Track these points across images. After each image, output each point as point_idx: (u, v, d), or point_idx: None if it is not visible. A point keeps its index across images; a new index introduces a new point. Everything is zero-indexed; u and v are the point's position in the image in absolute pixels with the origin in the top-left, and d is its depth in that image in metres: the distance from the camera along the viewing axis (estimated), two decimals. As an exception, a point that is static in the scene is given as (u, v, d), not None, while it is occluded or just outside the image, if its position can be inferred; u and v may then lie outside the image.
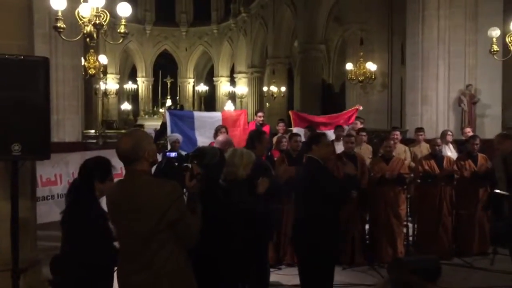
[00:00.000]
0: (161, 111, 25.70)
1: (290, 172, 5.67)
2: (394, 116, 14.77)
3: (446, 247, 6.81)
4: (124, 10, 6.99)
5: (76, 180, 3.55)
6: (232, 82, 29.80)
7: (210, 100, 30.72)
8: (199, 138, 8.01)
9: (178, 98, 30.71)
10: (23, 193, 4.00)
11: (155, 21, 30.78)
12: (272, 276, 5.26)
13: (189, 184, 2.70)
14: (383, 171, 6.61)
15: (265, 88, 24.06)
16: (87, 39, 7.14)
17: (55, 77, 10.03)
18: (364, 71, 14.30)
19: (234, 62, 29.39)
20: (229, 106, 26.96)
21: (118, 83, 28.17)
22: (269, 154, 6.91)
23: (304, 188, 4.19)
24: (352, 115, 9.39)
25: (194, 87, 31.96)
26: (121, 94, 28.81)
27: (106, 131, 14.52)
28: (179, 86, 31.58)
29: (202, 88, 29.95)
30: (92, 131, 12.52)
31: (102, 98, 21.54)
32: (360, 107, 9.88)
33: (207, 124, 8.18)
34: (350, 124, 9.09)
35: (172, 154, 2.77)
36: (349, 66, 14.73)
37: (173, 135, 7.48)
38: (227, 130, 7.42)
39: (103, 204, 2.92)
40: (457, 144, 8.58)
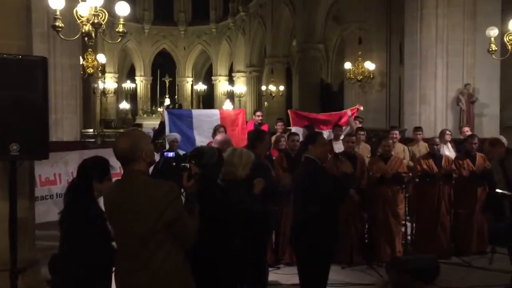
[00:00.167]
0: (159, 110, 25.69)
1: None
2: (393, 115, 14.79)
3: (445, 246, 6.82)
4: (123, 9, 6.98)
5: (75, 180, 3.55)
6: (231, 81, 29.80)
7: (208, 99, 30.70)
8: (197, 137, 8.00)
9: (176, 97, 30.69)
10: (22, 193, 3.99)
11: (154, 20, 30.75)
12: (270, 275, 5.26)
13: (187, 184, 2.69)
14: (382, 170, 6.62)
15: (263, 87, 24.05)
16: (86, 38, 7.13)
17: (53, 76, 10.02)
18: (363, 70, 14.31)
19: (233, 61, 29.38)
20: (227, 105, 26.97)
21: (117, 82, 28.15)
22: (267, 154, 6.91)
23: (301, 188, 4.17)
24: (352, 114, 9.36)
25: (192, 86, 31.95)
26: (119, 93, 28.79)
27: (105, 130, 14.51)
28: (177, 85, 31.57)
29: (201, 87, 29.94)
30: (91, 130, 12.51)
31: (100, 97, 21.53)
32: (361, 107, 9.88)
33: (205, 123, 8.16)
34: (345, 125, 9.08)
35: (170, 154, 2.76)
36: (347, 65, 14.74)
37: (171, 135, 7.47)
38: (225, 129, 7.42)
39: (102, 204, 2.92)
40: (455, 143, 8.59)
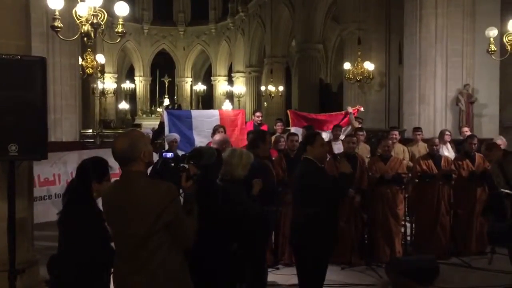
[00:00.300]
0: (158, 110, 25.68)
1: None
2: (392, 115, 14.78)
3: (444, 246, 6.82)
4: (122, 9, 6.96)
5: (73, 180, 3.54)
6: (230, 81, 29.79)
7: (208, 100, 30.70)
8: (197, 138, 7.99)
9: (176, 97, 30.68)
10: (20, 193, 3.98)
11: (153, 20, 30.76)
12: (269, 276, 5.26)
13: (185, 185, 2.68)
14: (381, 170, 6.61)
15: (263, 88, 24.06)
16: (85, 39, 7.12)
17: (52, 76, 10.02)
18: (362, 71, 14.31)
19: (232, 62, 29.38)
20: (227, 105, 26.97)
21: (116, 82, 28.16)
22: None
23: (300, 189, 4.15)
24: (352, 112, 9.35)
25: (192, 86, 31.95)
26: (118, 94, 28.79)
27: (104, 130, 14.53)
28: (176, 85, 31.56)
29: (200, 87, 29.93)
30: (90, 130, 12.52)
31: (99, 98, 21.50)
32: (361, 108, 9.86)
33: (205, 123, 8.15)
34: (346, 125, 9.07)
35: (169, 155, 2.75)
36: (346, 65, 14.73)
37: (170, 135, 7.46)
38: (225, 129, 7.41)
39: (100, 205, 2.91)
40: (454, 144, 8.59)
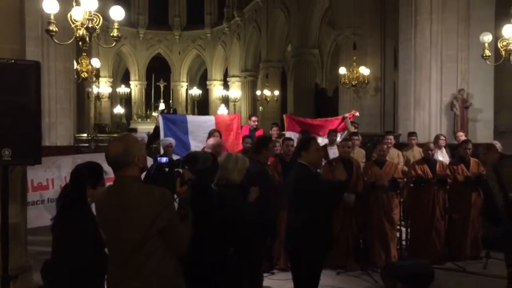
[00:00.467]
0: (154, 114, 25.63)
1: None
2: (387, 120, 14.81)
3: (439, 251, 6.82)
4: (117, 13, 6.95)
5: (68, 185, 3.52)
6: (226, 86, 29.79)
7: (203, 104, 30.69)
8: (192, 142, 7.99)
9: (171, 101, 30.66)
10: (13, 198, 3.95)
11: (148, 24, 30.75)
12: (265, 281, 5.25)
13: (180, 190, 2.66)
14: (377, 175, 6.62)
15: (258, 92, 24.07)
16: (80, 43, 7.10)
17: (47, 80, 9.97)
18: (357, 75, 14.33)
19: (228, 66, 29.39)
20: (222, 109, 26.97)
21: (111, 86, 28.08)
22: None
23: (294, 195, 4.12)
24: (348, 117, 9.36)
25: (187, 90, 31.93)
26: (114, 98, 28.72)
27: (99, 134, 14.45)
28: (172, 89, 31.54)
29: (196, 91, 29.92)
30: (85, 134, 12.45)
31: (94, 102, 21.47)
32: (357, 113, 9.86)
33: (200, 128, 8.15)
34: (342, 131, 9.08)
35: (163, 160, 2.72)
36: (342, 70, 14.76)
37: (166, 139, 7.44)
38: (220, 134, 7.40)
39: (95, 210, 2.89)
40: (449, 148, 8.61)
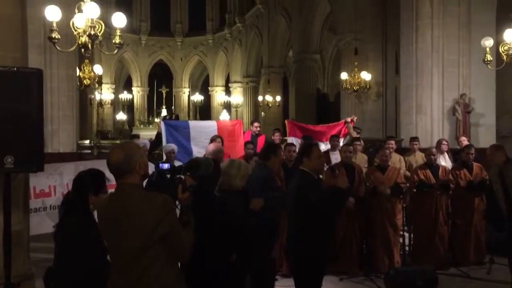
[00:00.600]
0: (156, 121, 25.66)
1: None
2: (389, 125, 14.79)
3: (443, 257, 6.79)
4: (119, 20, 6.96)
5: (70, 193, 3.52)
6: (227, 91, 29.82)
7: (205, 110, 30.71)
8: (194, 148, 7.99)
9: (173, 107, 30.69)
10: (16, 205, 3.96)
11: (150, 31, 30.84)
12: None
13: (181, 197, 2.65)
14: (379, 181, 6.60)
15: (260, 98, 24.09)
16: (82, 50, 7.12)
17: (50, 87, 10.02)
18: (359, 81, 14.32)
19: (229, 72, 29.44)
20: (224, 115, 26.98)
21: (113, 93, 28.14)
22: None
23: (295, 201, 4.09)
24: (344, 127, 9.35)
25: (189, 96, 31.97)
26: (116, 104, 28.78)
27: (101, 141, 14.47)
28: (174, 95, 31.58)
29: (198, 97, 29.95)
30: (87, 141, 12.46)
31: (97, 108, 21.47)
32: (355, 118, 9.85)
33: (202, 134, 8.15)
34: (344, 136, 9.07)
35: (165, 166, 2.72)
36: (343, 75, 14.76)
37: (168, 145, 7.44)
38: (222, 140, 7.40)
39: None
40: (452, 153, 8.59)
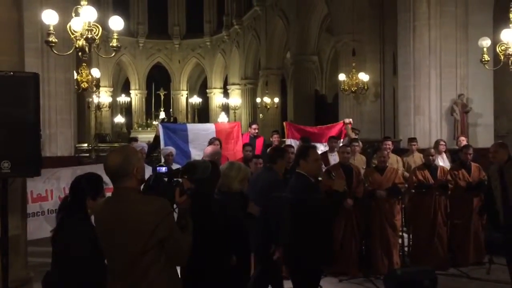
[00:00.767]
0: (154, 123, 25.64)
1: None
2: (387, 126, 14.80)
3: (442, 257, 6.79)
4: (116, 23, 6.96)
5: (67, 197, 3.50)
6: (226, 93, 29.84)
7: (203, 112, 30.72)
8: (193, 151, 7.97)
9: (171, 110, 30.68)
10: (13, 210, 3.94)
11: (148, 33, 30.87)
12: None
13: (179, 200, 2.64)
14: (378, 182, 6.59)
15: (258, 100, 24.10)
16: (79, 53, 7.11)
17: (47, 91, 9.99)
18: (357, 82, 14.33)
19: (227, 74, 29.46)
20: (222, 117, 26.99)
21: (111, 96, 28.13)
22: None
23: (292, 205, 4.06)
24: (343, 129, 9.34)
25: (187, 99, 31.97)
26: (114, 107, 28.76)
27: (99, 144, 14.46)
28: (172, 98, 31.57)
29: (196, 100, 29.96)
30: (85, 144, 12.44)
31: (95, 111, 21.48)
32: (350, 120, 9.81)
33: (200, 136, 8.14)
34: (344, 139, 9.06)
35: (162, 169, 2.71)
36: (341, 76, 14.78)
37: (166, 148, 7.43)
38: (220, 142, 7.39)
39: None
40: (450, 153, 8.59)
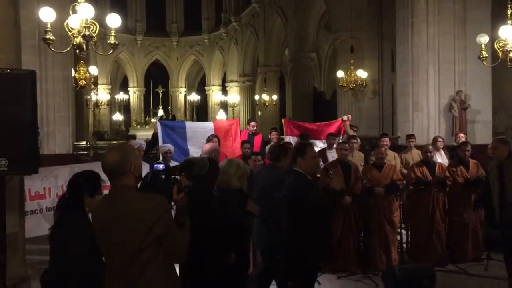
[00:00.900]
0: (153, 121, 25.62)
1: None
2: (386, 122, 14.80)
3: (440, 254, 6.80)
4: (114, 21, 6.94)
5: (65, 194, 3.50)
6: (224, 91, 29.80)
7: (202, 110, 30.68)
8: (191, 148, 7.97)
9: (170, 107, 30.64)
10: (11, 208, 3.93)
11: (146, 31, 30.78)
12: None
13: (177, 197, 2.64)
14: (376, 179, 6.59)
15: (256, 97, 24.08)
16: (77, 51, 7.09)
17: (45, 88, 9.99)
18: (355, 79, 14.33)
19: (226, 71, 29.43)
20: (221, 115, 26.98)
21: (110, 93, 28.06)
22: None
23: (289, 203, 4.04)
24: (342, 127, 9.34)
25: (186, 96, 31.92)
26: (112, 105, 28.70)
27: (98, 142, 14.43)
28: (170, 95, 31.53)
29: (194, 97, 29.92)
30: (83, 142, 12.42)
31: (93, 109, 21.44)
32: (349, 117, 9.81)
33: (199, 134, 8.14)
34: (343, 136, 9.06)
35: (160, 167, 2.71)
36: (340, 73, 14.78)
37: (164, 146, 7.42)
38: (219, 139, 7.39)
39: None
40: (448, 150, 8.60)
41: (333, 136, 8.69)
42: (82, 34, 6.72)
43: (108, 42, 7.07)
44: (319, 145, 8.98)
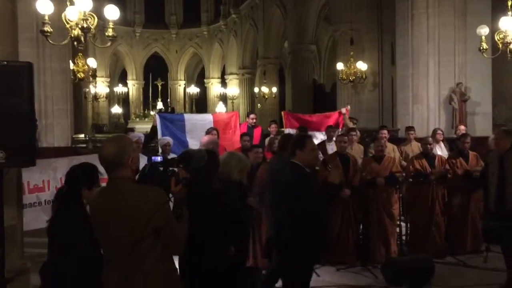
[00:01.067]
0: (152, 113, 25.60)
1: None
2: (386, 115, 14.79)
3: (439, 246, 6.80)
4: (112, 13, 6.88)
5: (63, 187, 3.49)
6: (223, 83, 29.76)
7: (201, 102, 30.65)
8: (190, 141, 7.95)
9: (169, 100, 30.62)
10: (9, 201, 3.93)
11: (145, 23, 30.68)
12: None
13: (174, 189, 2.64)
14: (375, 171, 6.58)
15: (256, 89, 24.04)
16: (75, 43, 7.05)
17: (43, 81, 9.95)
18: (355, 71, 14.31)
19: (225, 64, 29.36)
20: (220, 107, 26.94)
21: (108, 86, 28.00)
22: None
23: (286, 196, 3.96)
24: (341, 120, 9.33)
25: (185, 89, 31.89)
26: (111, 97, 28.65)
27: (96, 135, 14.43)
28: (170, 88, 31.49)
29: (193, 90, 29.88)
30: (82, 135, 12.41)
31: (92, 102, 21.41)
32: (348, 107, 9.81)
33: (198, 126, 8.12)
34: (342, 128, 9.05)
35: (158, 159, 2.70)
36: (339, 66, 14.74)
37: (163, 138, 7.41)
38: (218, 132, 7.37)
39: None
40: (448, 142, 8.59)
41: (332, 129, 8.69)
42: (80, 26, 6.67)
43: (106, 34, 7.02)
44: (319, 137, 8.97)
